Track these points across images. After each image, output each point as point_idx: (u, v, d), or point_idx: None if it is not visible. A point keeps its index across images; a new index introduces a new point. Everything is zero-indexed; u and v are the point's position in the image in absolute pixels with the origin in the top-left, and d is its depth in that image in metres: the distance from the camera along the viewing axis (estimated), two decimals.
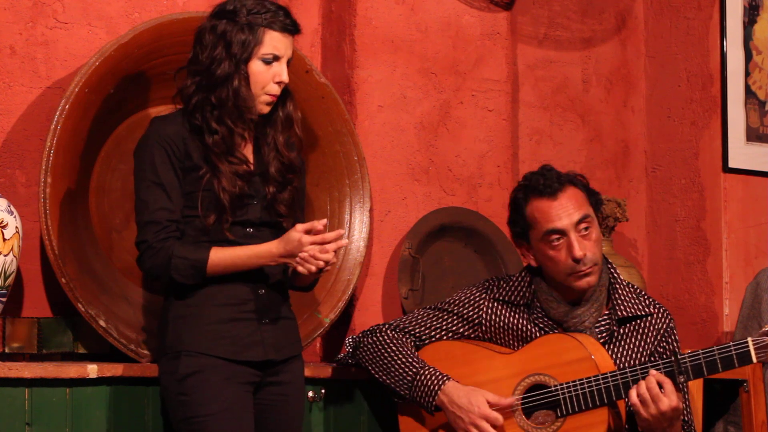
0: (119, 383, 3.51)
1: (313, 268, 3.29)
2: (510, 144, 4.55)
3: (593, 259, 3.53)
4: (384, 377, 3.67)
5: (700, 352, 3.37)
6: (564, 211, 3.54)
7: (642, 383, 3.38)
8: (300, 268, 3.31)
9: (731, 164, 4.83)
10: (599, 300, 3.58)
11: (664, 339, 3.61)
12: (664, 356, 3.57)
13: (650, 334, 3.60)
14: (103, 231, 3.85)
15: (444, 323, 3.71)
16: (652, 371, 3.40)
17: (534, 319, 3.61)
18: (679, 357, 3.38)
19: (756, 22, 4.94)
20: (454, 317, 3.71)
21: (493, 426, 3.50)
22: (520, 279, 3.69)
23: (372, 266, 4.26)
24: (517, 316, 3.64)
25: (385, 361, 3.66)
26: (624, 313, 3.59)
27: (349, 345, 4.04)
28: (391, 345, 3.68)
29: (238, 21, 3.36)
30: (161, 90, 3.82)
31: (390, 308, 4.28)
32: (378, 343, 3.70)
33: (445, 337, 3.70)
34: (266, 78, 3.38)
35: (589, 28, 4.96)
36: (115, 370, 3.50)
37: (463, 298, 3.72)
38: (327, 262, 3.30)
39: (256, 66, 3.37)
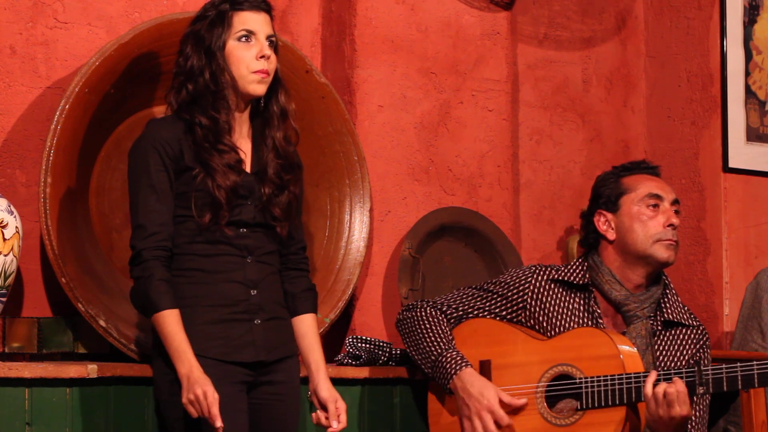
0: (119, 383, 3.51)
1: (191, 410, 3.24)
2: (510, 144, 4.55)
3: (676, 236, 3.65)
4: (413, 353, 3.74)
5: (723, 367, 3.39)
6: (665, 187, 3.70)
7: (663, 383, 3.40)
8: (184, 400, 3.25)
9: (731, 164, 4.83)
10: (658, 294, 3.64)
11: (699, 353, 3.65)
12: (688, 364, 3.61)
13: (689, 344, 3.65)
14: (103, 231, 3.85)
15: (487, 303, 3.75)
16: (676, 379, 3.42)
17: (589, 301, 3.64)
18: (702, 368, 3.40)
19: (756, 22, 4.94)
20: (499, 298, 3.75)
21: (498, 424, 3.52)
22: (578, 263, 3.74)
23: (372, 266, 4.26)
24: (571, 298, 3.67)
25: (417, 337, 3.73)
26: (670, 316, 3.65)
27: (350, 345, 4.04)
28: (425, 322, 3.74)
29: (208, 16, 3.41)
30: (161, 90, 3.82)
31: (390, 308, 4.28)
32: (414, 318, 3.76)
33: (488, 316, 3.74)
34: (247, 56, 3.39)
35: (589, 28, 4.96)
36: (115, 370, 3.50)
37: (509, 279, 3.76)
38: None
39: (232, 47, 3.39)
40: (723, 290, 4.81)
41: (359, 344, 4.02)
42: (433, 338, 3.69)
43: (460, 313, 3.77)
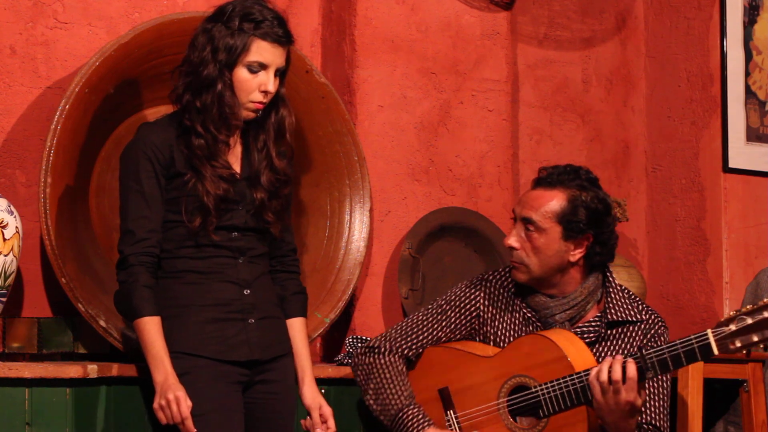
0: (119, 383, 3.51)
1: (160, 416, 3.26)
2: (510, 144, 4.55)
3: (518, 258, 3.57)
4: (371, 402, 3.65)
5: (665, 346, 3.35)
6: (526, 201, 3.59)
7: (604, 367, 3.37)
8: (155, 405, 3.27)
9: (731, 164, 4.83)
10: (577, 301, 3.58)
11: (649, 343, 3.59)
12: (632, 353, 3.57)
13: (637, 338, 3.60)
14: (103, 231, 3.85)
15: (443, 321, 3.71)
16: (619, 357, 3.39)
17: (522, 308, 3.63)
18: (644, 353, 3.37)
19: (756, 22, 4.94)
20: (452, 313, 3.71)
21: None
22: (508, 269, 3.71)
23: (372, 266, 4.26)
24: (505, 302, 3.66)
25: (377, 386, 3.64)
26: (614, 316, 3.58)
27: (350, 345, 4.04)
28: (385, 372, 3.65)
29: (230, 26, 3.34)
30: (161, 90, 3.82)
31: (390, 308, 4.28)
32: (374, 365, 3.67)
33: (443, 336, 3.71)
34: (251, 86, 3.36)
35: (589, 28, 4.96)
36: (115, 370, 3.50)
37: (458, 293, 3.73)
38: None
39: (241, 73, 3.35)
40: (723, 290, 4.81)
41: (359, 344, 4.02)
42: (393, 390, 3.62)
43: (418, 343, 3.70)
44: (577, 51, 4.93)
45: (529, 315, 3.62)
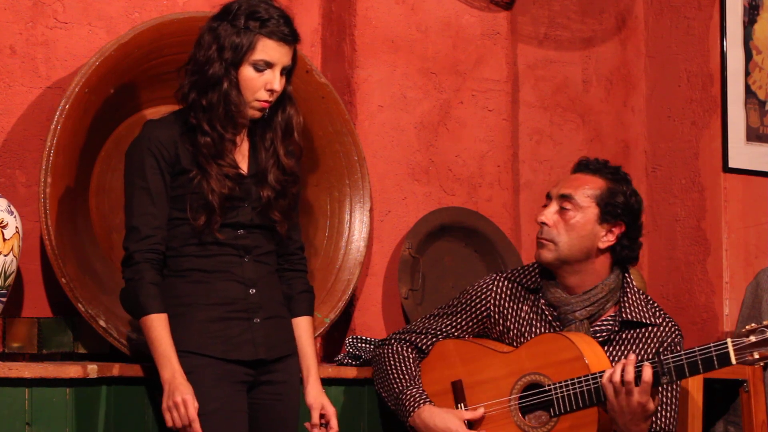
0: (119, 383, 3.51)
1: (167, 417, 3.26)
2: (510, 144, 4.56)
3: (549, 234, 3.60)
4: (380, 389, 3.73)
5: (683, 353, 3.36)
6: (565, 181, 3.66)
7: (618, 368, 3.38)
8: (164, 406, 3.27)
9: (731, 164, 4.83)
10: (597, 297, 3.59)
11: (667, 351, 3.59)
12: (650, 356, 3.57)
13: (651, 343, 3.60)
14: (103, 231, 3.85)
15: (455, 320, 3.74)
16: (632, 358, 3.39)
17: (540, 304, 3.63)
18: (662, 358, 3.38)
19: (756, 22, 4.94)
20: (463, 312, 3.73)
21: None
22: (532, 265, 3.73)
23: (372, 266, 4.26)
24: (529, 300, 3.66)
25: (383, 374, 3.72)
26: (628, 316, 3.59)
27: (350, 345, 4.04)
28: (391, 358, 3.72)
29: (236, 25, 3.34)
30: (161, 90, 3.82)
31: (390, 308, 4.28)
32: (383, 355, 3.75)
33: (455, 333, 3.72)
34: (257, 85, 3.36)
35: (589, 28, 4.96)
36: (115, 370, 3.50)
37: (472, 291, 3.76)
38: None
39: (247, 71, 3.36)
40: (723, 290, 4.81)
41: (359, 344, 4.02)
42: (397, 374, 3.68)
43: (431, 337, 3.74)
44: (577, 51, 4.93)
45: (547, 313, 3.62)
